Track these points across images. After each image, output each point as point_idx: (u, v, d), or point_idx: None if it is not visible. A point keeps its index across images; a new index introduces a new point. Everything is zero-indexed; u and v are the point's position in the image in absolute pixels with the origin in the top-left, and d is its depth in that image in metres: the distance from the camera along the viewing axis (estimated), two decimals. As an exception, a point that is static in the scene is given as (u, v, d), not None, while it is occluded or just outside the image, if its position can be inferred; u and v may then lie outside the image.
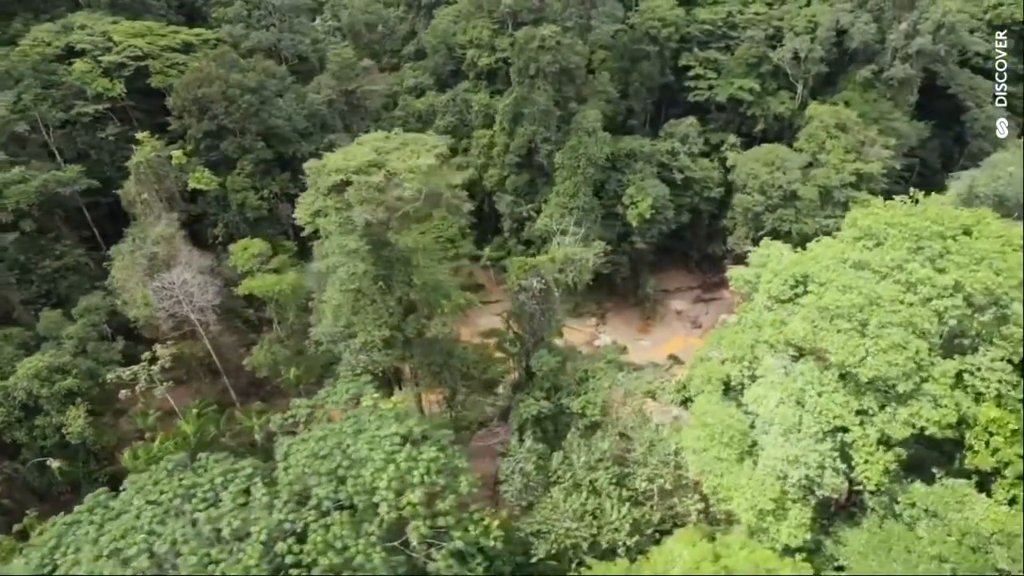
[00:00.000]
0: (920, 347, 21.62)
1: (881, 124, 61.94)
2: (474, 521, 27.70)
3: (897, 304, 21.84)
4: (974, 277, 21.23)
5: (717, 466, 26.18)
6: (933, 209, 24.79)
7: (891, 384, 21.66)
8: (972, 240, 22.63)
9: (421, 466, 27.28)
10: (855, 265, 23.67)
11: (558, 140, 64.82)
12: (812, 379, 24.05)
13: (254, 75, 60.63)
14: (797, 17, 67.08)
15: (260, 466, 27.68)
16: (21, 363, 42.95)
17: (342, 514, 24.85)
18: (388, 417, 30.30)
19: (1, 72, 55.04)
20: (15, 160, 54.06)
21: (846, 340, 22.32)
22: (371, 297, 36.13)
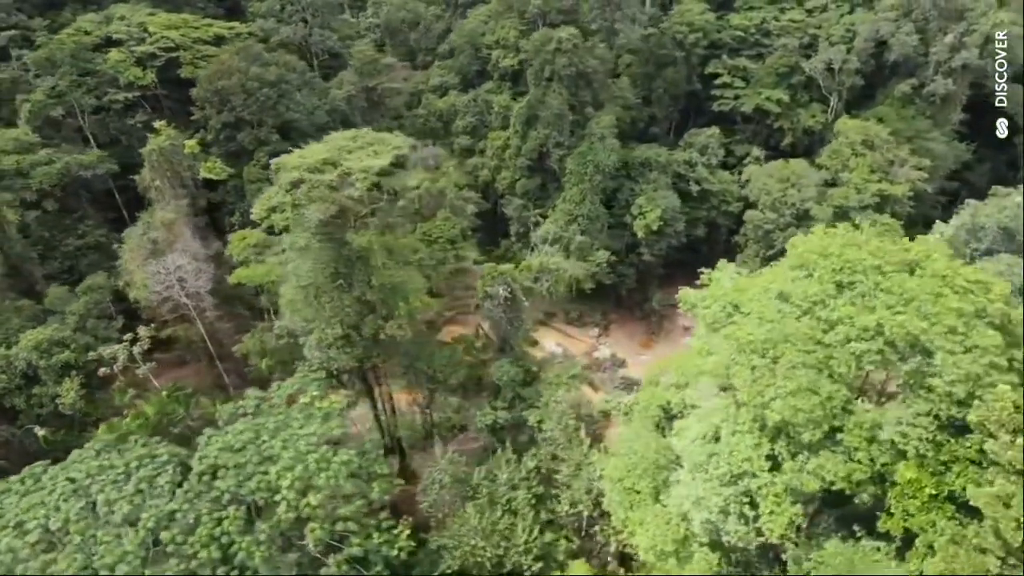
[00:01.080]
0: (833, 393, 19.75)
1: (916, 143, 57.67)
2: (380, 529, 27.40)
3: (811, 343, 20.00)
4: (895, 320, 19.14)
5: (628, 498, 24.89)
6: (876, 241, 22.61)
7: (798, 431, 19.91)
8: (907, 278, 20.40)
9: (332, 468, 27.20)
10: (779, 296, 21.88)
11: (571, 145, 63.60)
12: (728, 416, 22.49)
13: (274, 69, 62.29)
14: (835, 25, 63.29)
15: (180, 454, 28.27)
16: (25, 334, 45.71)
17: (238, 509, 25.05)
18: (316, 416, 30.41)
19: (42, 59, 58.58)
20: (48, 143, 57.66)
21: (755, 378, 20.69)
22: (328, 294, 36.31)
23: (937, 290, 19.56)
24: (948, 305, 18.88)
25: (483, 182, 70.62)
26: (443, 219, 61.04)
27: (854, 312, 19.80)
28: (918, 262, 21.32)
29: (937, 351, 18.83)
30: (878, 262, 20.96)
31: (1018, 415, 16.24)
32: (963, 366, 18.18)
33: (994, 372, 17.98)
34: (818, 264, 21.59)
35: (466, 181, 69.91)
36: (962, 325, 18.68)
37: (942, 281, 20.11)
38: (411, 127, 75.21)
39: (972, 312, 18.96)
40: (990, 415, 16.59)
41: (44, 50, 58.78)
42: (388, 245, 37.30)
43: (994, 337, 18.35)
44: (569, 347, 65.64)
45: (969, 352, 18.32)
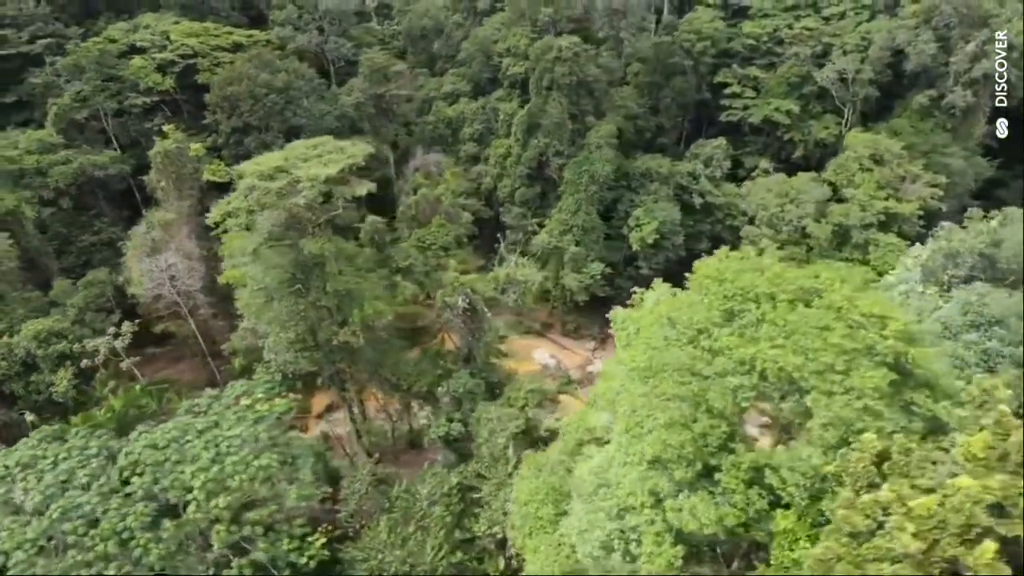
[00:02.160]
0: (709, 429, 18.70)
1: (932, 158, 54.42)
2: (292, 536, 27.69)
3: (688, 374, 19.01)
4: (768, 355, 17.91)
5: (528, 523, 24.31)
6: (778, 266, 21.29)
7: (670, 468, 18.98)
8: (791, 309, 19.03)
9: (248, 472, 27.67)
10: (668, 322, 20.92)
11: (571, 154, 63.01)
12: (621, 446, 21.69)
13: (283, 76, 64.24)
14: (850, 33, 60.47)
15: (111, 448, 29.37)
16: (26, 324, 48.55)
17: (147, 506, 25.81)
18: (248, 419, 31.03)
19: (70, 65, 62.22)
20: (71, 144, 61.14)
21: (634, 408, 19.90)
22: (284, 299, 37.07)
23: (825, 323, 18.23)
24: (829, 340, 17.56)
25: (486, 190, 70.70)
26: (438, 226, 61.39)
27: (734, 343, 18.70)
28: (820, 291, 19.98)
29: (811, 390, 17.56)
30: (772, 290, 19.74)
31: (871, 469, 14.88)
32: (833, 409, 16.87)
33: (868, 417, 16.57)
34: (709, 289, 20.53)
35: (469, 188, 70.18)
36: (842, 363, 17.32)
37: (836, 314, 18.75)
38: (420, 134, 76.22)
39: (857, 349, 17.57)
40: (846, 466, 15.30)
41: (72, 57, 62.39)
42: (345, 252, 37.72)
43: (876, 378, 16.91)
44: (564, 359, 64.83)
45: (846, 393, 16.98)
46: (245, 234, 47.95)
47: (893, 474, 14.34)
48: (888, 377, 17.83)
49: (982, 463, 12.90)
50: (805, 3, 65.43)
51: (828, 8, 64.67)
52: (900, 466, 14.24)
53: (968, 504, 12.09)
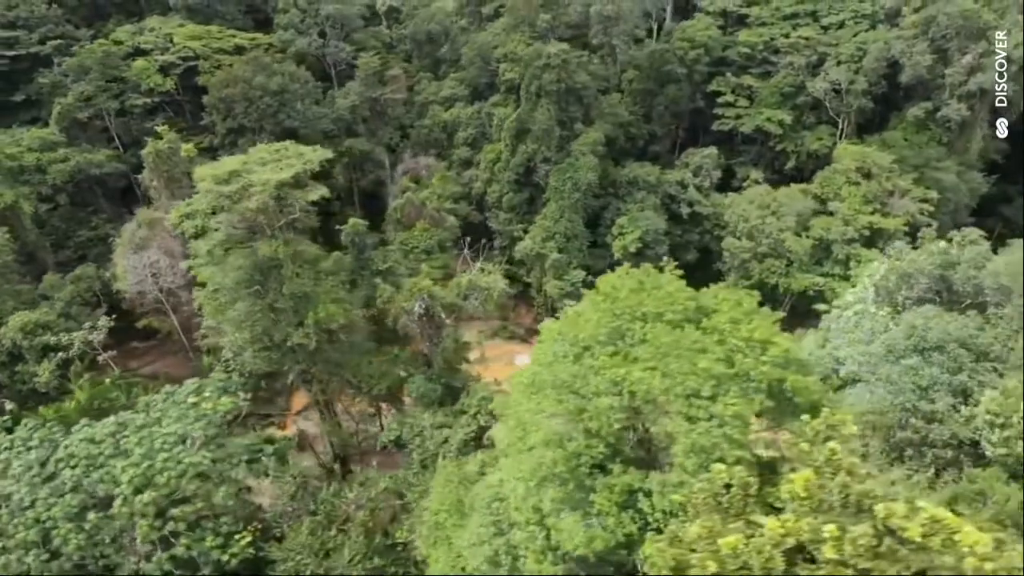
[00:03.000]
0: (583, 448, 18.45)
1: (924, 173, 52.86)
2: (217, 533, 28.14)
3: (566, 391, 18.80)
4: (633, 377, 17.56)
5: (434, 533, 24.32)
6: (675, 284, 20.87)
7: (543, 486, 18.80)
8: (668, 330, 18.60)
9: (178, 469, 28.22)
10: (560, 336, 20.72)
11: (558, 161, 62.84)
12: (512, 459, 21.55)
13: (278, 79, 65.38)
14: (846, 43, 59.12)
15: (54, 439, 30.26)
16: (14, 316, 50.30)
17: (73, 497, 26.52)
18: (189, 417, 31.64)
19: (75, 65, 64.32)
20: (72, 142, 63.17)
21: (517, 423, 19.79)
22: (242, 299, 37.71)
23: (701, 346, 17.79)
24: (698, 365, 17.14)
25: (477, 194, 70.90)
26: (421, 230, 61.81)
27: (609, 363, 18.42)
28: (709, 313, 19.52)
29: (675, 415, 17.16)
30: (661, 310, 19.38)
31: (710, 502, 14.44)
32: (692, 436, 16.46)
33: (727, 446, 16.11)
34: (600, 306, 20.25)
35: (460, 193, 70.44)
36: (709, 389, 16.89)
37: (719, 336, 18.31)
38: (416, 137, 76.78)
39: (728, 375, 17.11)
40: (691, 497, 14.87)
41: (77, 58, 64.46)
42: (304, 255, 38.20)
43: (739, 406, 16.43)
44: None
45: (709, 420, 16.56)
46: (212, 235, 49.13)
47: (727, 508, 13.94)
48: (760, 405, 17.40)
49: (804, 503, 12.45)
50: (804, 12, 64.16)
51: (827, 17, 63.35)
52: (736, 501, 13.83)
53: (768, 546, 11.68)
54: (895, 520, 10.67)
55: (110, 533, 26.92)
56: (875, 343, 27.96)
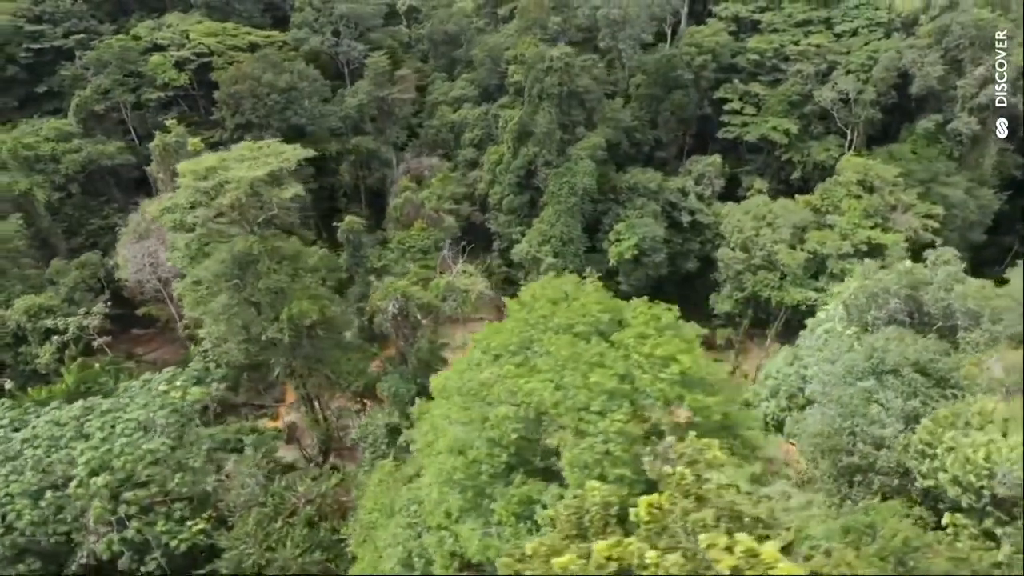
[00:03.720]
0: (485, 457, 18.32)
1: (931, 188, 51.01)
2: (169, 518, 28.77)
3: (471, 399, 18.67)
4: (525, 389, 17.30)
5: (364, 532, 24.43)
6: (594, 296, 20.52)
7: (445, 492, 18.70)
8: (568, 342, 18.25)
9: (136, 454, 28.97)
10: (477, 343, 20.58)
11: (559, 164, 62.48)
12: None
13: (287, 76, 66.50)
14: (857, 52, 57.40)
15: (26, 420, 31.32)
16: (19, 299, 52.24)
17: (31, 475, 27.42)
18: (154, 404, 32.41)
19: (94, 59, 66.49)
20: (88, 133, 65.34)
21: (432, 427, 19.76)
22: (218, 293, 38.46)
23: (598, 360, 17.40)
24: (590, 379, 16.78)
25: (480, 195, 70.91)
26: (419, 229, 62.13)
27: (513, 373, 18.18)
28: (622, 327, 19.11)
29: (567, 428, 16.83)
30: (572, 321, 19.01)
31: (572, 520, 14.03)
32: (574, 451, 16.12)
33: (607, 463, 15.73)
34: (516, 315, 19.99)
35: (463, 194, 70.54)
36: (600, 404, 16.53)
37: (624, 351, 17.90)
38: (424, 137, 77.21)
39: (621, 390, 16.72)
40: (559, 514, 14.52)
41: (96, 52, 66.61)
42: (282, 251, 38.75)
43: (627, 422, 16.05)
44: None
45: (596, 436, 16.20)
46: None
47: (588, 527, 13.64)
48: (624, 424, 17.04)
49: (649, 526, 12.12)
50: (817, 19, 62.54)
51: (841, 24, 61.60)
52: (597, 520, 13.53)
53: (593, 568, 11.37)
54: (712, 552, 10.28)
55: (71, 512, 27.76)
56: (837, 363, 27.07)
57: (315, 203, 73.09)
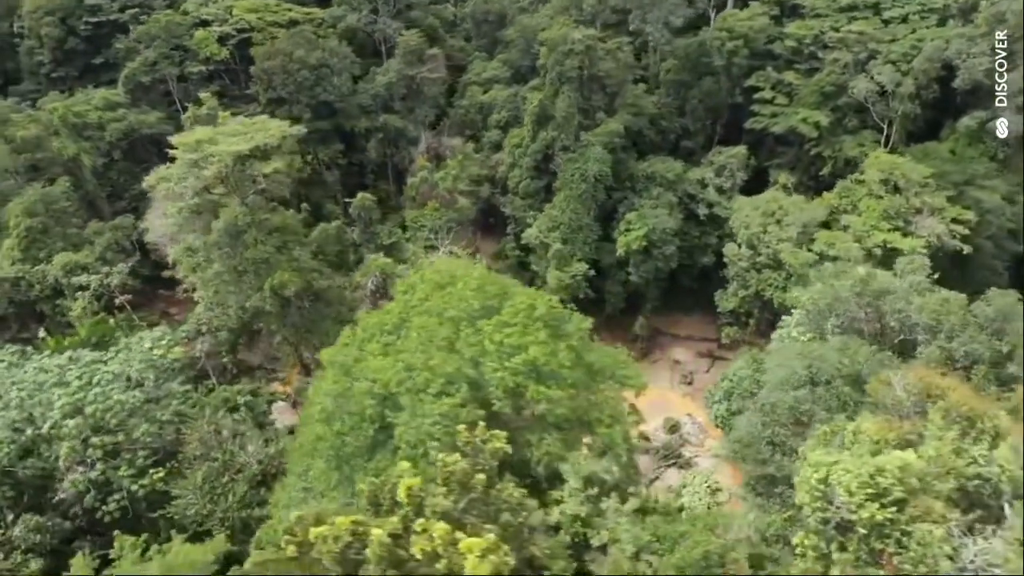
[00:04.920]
0: (347, 430, 18.72)
1: (965, 191, 47.09)
2: (132, 464, 30.90)
3: (342, 374, 19.01)
4: (371, 365, 17.38)
5: (279, 494, 25.43)
6: (482, 279, 20.22)
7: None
8: (431, 322, 18.10)
9: (108, 403, 31.15)
10: (363, 319, 20.83)
11: (575, 150, 61.45)
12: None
13: (318, 53, 68.18)
14: (901, 40, 53.26)
15: (17, 363, 34.16)
16: (58, 256, 56.64)
17: (16, 412, 30.06)
18: (134, 359, 34.60)
19: (143, 33, 70.39)
20: (135, 103, 69.50)
21: (311, 397, 20.33)
22: (210, 260, 40.42)
23: (448, 344, 17.25)
24: (429, 362, 16.69)
25: (501, 178, 70.71)
26: (432, 209, 62.76)
27: (378, 351, 18.29)
28: (496, 312, 18.78)
29: (407, 407, 16.84)
30: (445, 306, 18.85)
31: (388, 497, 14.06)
32: (402, 429, 16.16)
33: (429, 444, 15.67)
34: (400, 297, 20.01)
35: (484, 175, 70.52)
36: (437, 386, 16.46)
37: (478, 337, 17.66)
38: (453, 117, 77.46)
39: (463, 375, 16.56)
40: (363, 491, 14.63)
41: (146, 26, 70.41)
42: (270, 224, 40.18)
43: (445, 406, 15.96)
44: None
45: (425, 417, 16.16)
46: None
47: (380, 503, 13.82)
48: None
49: (408, 507, 12.22)
50: (864, 4, 58.33)
51: (890, 10, 57.23)
52: (387, 498, 13.65)
53: (331, 539, 11.59)
54: (414, 536, 10.38)
55: (46, 451, 30.28)
56: (779, 370, 25.77)
57: (343, 179, 75.16)
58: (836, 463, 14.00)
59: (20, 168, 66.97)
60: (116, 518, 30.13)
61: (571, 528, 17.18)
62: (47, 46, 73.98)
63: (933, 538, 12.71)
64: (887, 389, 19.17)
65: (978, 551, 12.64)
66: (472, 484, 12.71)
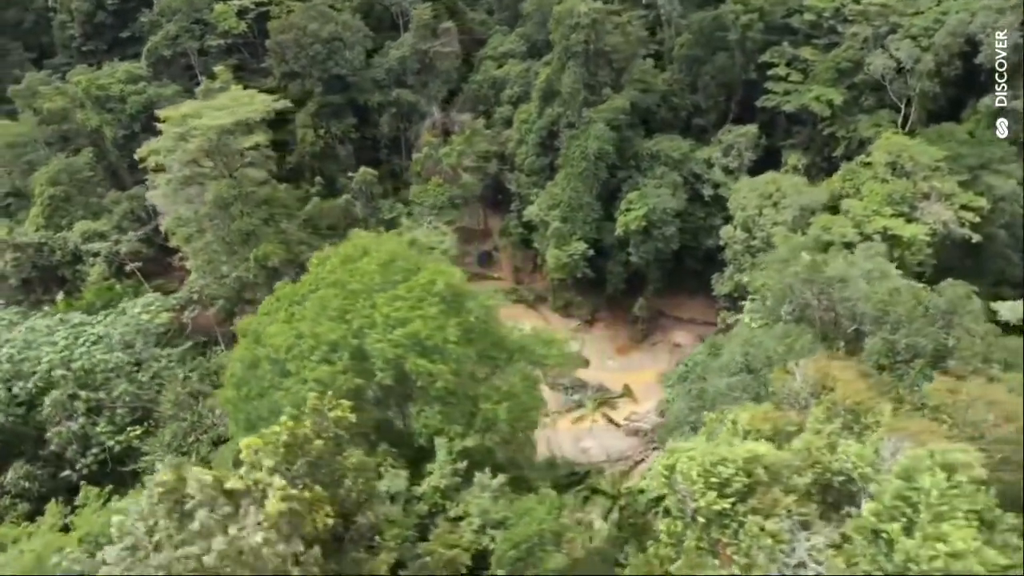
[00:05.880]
0: (252, 393, 19.43)
1: (981, 175, 44.45)
2: (112, 421, 32.78)
3: (251, 341, 19.65)
4: (270, 331, 17.88)
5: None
6: (393, 251, 20.35)
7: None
8: (336, 294, 18.40)
9: (92, 361, 33.01)
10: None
11: (580, 126, 60.47)
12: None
13: (330, 27, 68.60)
14: (926, 13, 50.15)
15: (13, 321, 36.35)
16: (78, 223, 59.42)
17: (9, 367, 32.19)
18: (119, 322, 36.35)
19: (165, 6, 72.17)
20: (156, 77, 71.55)
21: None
22: (201, 231, 41.78)
23: (339, 314, 17.60)
24: (315, 329, 17.09)
25: (510, 154, 70.21)
26: (435, 185, 62.95)
27: (281, 318, 18.82)
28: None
29: (300, 369, 17.35)
30: (349, 278, 19.12)
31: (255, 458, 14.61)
32: (294, 389, 16.73)
33: (290, 408, 16.26)
34: (313, 270, 20.38)
35: (494, 151, 70.12)
36: (320, 353, 16.87)
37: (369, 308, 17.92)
38: (467, 92, 77.02)
39: (347, 344, 16.89)
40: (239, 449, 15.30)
41: (165, 1, 72.14)
42: (255, 197, 41.17)
43: (320, 371, 16.43)
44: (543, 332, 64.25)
45: (304, 383, 16.67)
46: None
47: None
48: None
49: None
50: (890, -28, 54.87)
51: (920, -19, 53.73)
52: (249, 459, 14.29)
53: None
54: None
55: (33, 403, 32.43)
56: (723, 356, 25.26)
57: (357, 153, 75.85)
58: (686, 451, 13.74)
59: (52, 139, 70.39)
60: (93, 471, 32.10)
61: (431, 499, 17.57)
62: (77, 20, 76.69)
63: (764, 531, 12.38)
64: (788, 379, 18.52)
65: (810, 547, 12.27)
66: (308, 448, 13.21)
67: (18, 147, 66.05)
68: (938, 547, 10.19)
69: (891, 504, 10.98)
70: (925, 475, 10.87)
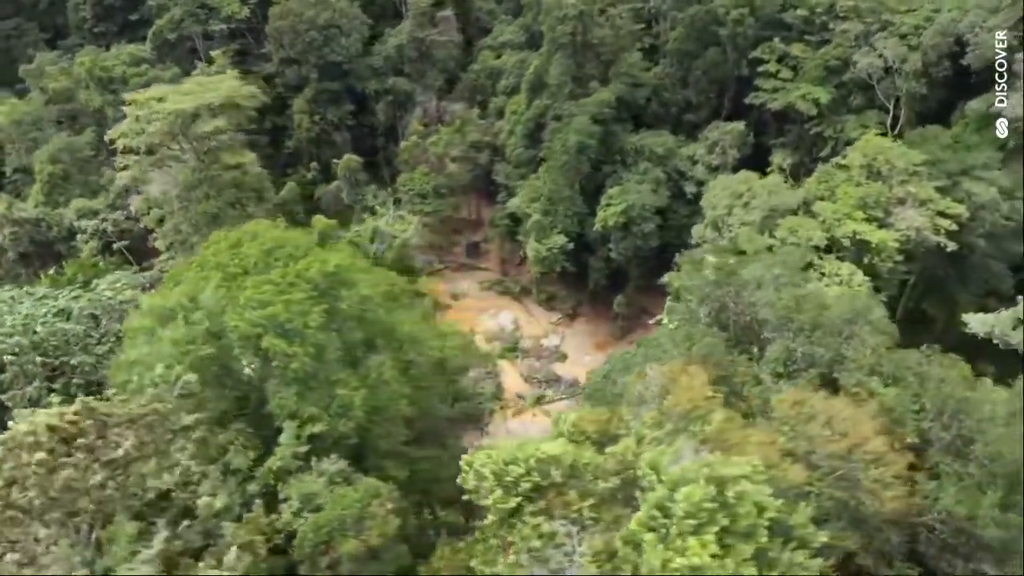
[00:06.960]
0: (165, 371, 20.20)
1: (962, 182, 42.97)
2: (66, 390, 34.04)
3: (148, 313, 20.46)
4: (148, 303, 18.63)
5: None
6: (279, 237, 20.70)
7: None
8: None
9: (51, 330, 34.29)
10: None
11: (565, 119, 60.06)
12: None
13: (327, 14, 69.21)
14: (918, 10, 48.44)
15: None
16: (74, 201, 61.44)
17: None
18: (83, 297, 37.65)
19: (171, -9, 73.65)
20: (161, 60, 73.24)
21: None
22: (171, 213, 42.89)
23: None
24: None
25: (502, 145, 70.11)
26: (421, 174, 63.31)
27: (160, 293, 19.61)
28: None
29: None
30: (228, 261, 19.63)
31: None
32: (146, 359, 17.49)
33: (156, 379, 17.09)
34: (204, 253, 20.97)
35: (486, 142, 70.08)
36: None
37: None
38: (464, 82, 76.99)
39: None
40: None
41: (171, -15, 73.59)
42: (219, 181, 42.06)
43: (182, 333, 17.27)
44: (525, 326, 64.59)
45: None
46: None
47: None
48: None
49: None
50: (888, -32, 53.04)
51: (920, -23, 51.80)
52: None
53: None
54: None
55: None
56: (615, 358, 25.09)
57: (354, 140, 76.56)
58: (487, 449, 13.80)
59: (61, 118, 72.76)
60: (45, 440, 33.47)
61: (264, 479, 18.05)
62: (88, 1, 78.72)
63: (536, 532, 12.39)
64: (640, 383, 18.34)
65: (585, 550, 12.26)
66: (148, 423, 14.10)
67: (25, 125, 68.29)
68: (678, 560, 10.12)
69: (650, 514, 10.90)
70: (685, 488, 10.75)
